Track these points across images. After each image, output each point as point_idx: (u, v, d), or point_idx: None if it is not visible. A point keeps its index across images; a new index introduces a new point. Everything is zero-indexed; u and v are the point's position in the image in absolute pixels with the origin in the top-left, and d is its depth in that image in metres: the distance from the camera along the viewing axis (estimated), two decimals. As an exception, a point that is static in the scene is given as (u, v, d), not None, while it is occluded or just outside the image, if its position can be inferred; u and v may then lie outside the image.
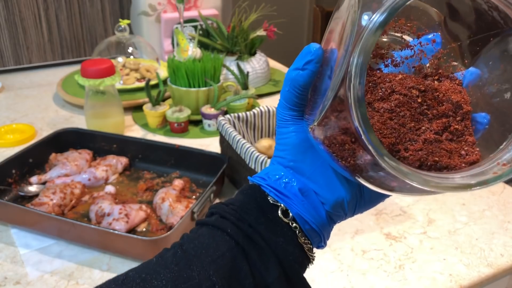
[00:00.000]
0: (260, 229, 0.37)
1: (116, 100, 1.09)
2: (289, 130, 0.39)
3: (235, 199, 0.40)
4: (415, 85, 0.34)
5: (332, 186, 0.38)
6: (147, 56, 1.43)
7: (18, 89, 1.40)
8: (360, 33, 0.30)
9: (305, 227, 0.38)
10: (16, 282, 0.70)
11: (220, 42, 1.39)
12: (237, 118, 0.94)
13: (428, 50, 0.37)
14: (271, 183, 0.39)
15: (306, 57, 0.36)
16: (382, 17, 0.29)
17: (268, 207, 0.39)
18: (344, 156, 0.33)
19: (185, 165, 0.96)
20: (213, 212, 0.40)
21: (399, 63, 0.37)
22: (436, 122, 0.34)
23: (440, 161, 0.32)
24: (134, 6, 1.50)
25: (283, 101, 0.39)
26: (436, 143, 0.33)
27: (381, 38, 0.38)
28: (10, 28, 1.47)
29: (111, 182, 0.93)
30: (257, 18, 1.40)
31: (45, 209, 0.80)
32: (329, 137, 0.33)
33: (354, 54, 0.29)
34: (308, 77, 0.37)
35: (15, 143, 1.08)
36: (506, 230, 0.83)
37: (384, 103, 0.33)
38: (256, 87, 1.39)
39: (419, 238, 0.80)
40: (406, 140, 0.32)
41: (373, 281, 0.71)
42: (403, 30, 0.38)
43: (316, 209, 0.39)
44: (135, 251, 0.73)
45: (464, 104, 0.35)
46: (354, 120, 0.29)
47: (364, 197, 0.40)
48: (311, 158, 0.39)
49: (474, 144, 0.34)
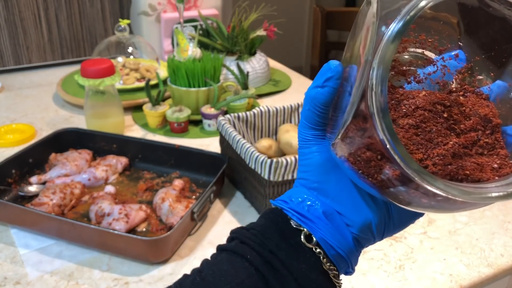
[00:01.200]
0: (281, 255, 0.36)
1: (116, 100, 1.09)
2: (312, 150, 0.38)
3: (256, 223, 0.39)
4: (440, 100, 0.33)
5: (358, 207, 0.37)
6: (147, 56, 1.43)
7: (18, 89, 1.40)
8: (378, 43, 0.29)
9: (330, 252, 0.37)
10: (16, 282, 0.70)
11: (220, 42, 1.39)
12: (237, 118, 0.94)
13: (451, 65, 0.37)
14: (294, 206, 0.38)
15: (326, 74, 0.35)
16: (399, 25, 0.29)
17: (291, 231, 0.37)
18: (371, 173, 0.32)
19: (185, 165, 0.96)
20: (233, 237, 0.39)
21: (422, 80, 0.36)
22: (465, 136, 0.33)
23: (471, 175, 0.31)
24: (134, 6, 1.50)
25: (304, 121, 0.38)
26: (466, 157, 0.32)
27: (403, 55, 0.37)
28: (10, 28, 1.47)
29: (111, 182, 0.93)
30: (257, 18, 1.40)
31: (45, 209, 0.80)
32: (354, 153, 0.32)
33: (373, 64, 0.29)
34: (329, 95, 0.36)
35: (15, 143, 1.08)
36: (506, 230, 0.83)
37: (408, 119, 0.32)
38: (256, 87, 1.39)
39: (419, 238, 0.80)
40: (434, 156, 0.31)
41: (373, 281, 0.71)
42: (424, 45, 0.37)
43: (341, 233, 0.37)
44: (135, 251, 0.73)
45: (493, 117, 0.34)
46: (379, 132, 0.28)
47: (393, 218, 0.38)
48: (336, 178, 0.37)
49: (507, 157, 0.33)
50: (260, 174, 0.78)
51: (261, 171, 0.78)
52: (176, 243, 0.76)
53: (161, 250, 0.72)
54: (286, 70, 1.58)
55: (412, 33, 0.36)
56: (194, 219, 0.78)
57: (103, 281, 0.70)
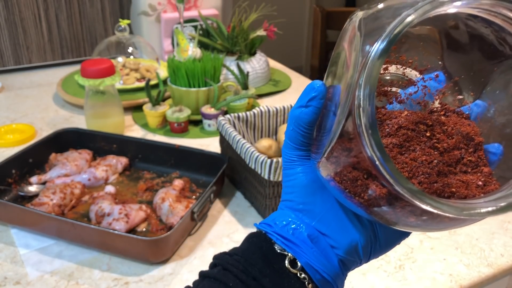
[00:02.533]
0: (265, 281, 0.35)
1: (116, 100, 1.09)
2: (297, 171, 0.37)
3: (239, 248, 0.38)
4: (422, 120, 0.33)
5: (344, 228, 0.36)
6: (147, 56, 1.43)
7: (18, 89, 1.40)
8: (364, 62, 0.29)
9: (315, 277, 0.36)
10: (16, 282, 0.70)
11: (220, 42, 1.39)
12: (237, 118, 0.94)
13: (432, 85, 0.37)
14: (278, 230, 0.37)
15: (309, 94, 0.35)
16: (383, 43, 0.29)
17: (275, 256, 0.36)
18: (357, 192, 0.32)
19: (185, 165, 0.96)
20: (215, 263, 0.38)
21: (403, 100, 0.37)
22: (448, 155, 0.33)
23: (457, 192, 0.31)
24: (134, 6, 1.50)
25: (288, 141, 0.37)
26: (451, 175, 0.32)
27: (384, 76, 0.37)
28: (10, 28, 1.47)
29: (111, 182, 0.93)
30: (257, 18, 1.40)
31: (45, 209, 0.80)
32: (340, 172, 0.32)
33: (360, 82, 0.29)
34: (313, 114, 0.35)
35: (15, 143, 1.08)
36: (506, 230, 0.83)
37: (392, 138, 0.32)
38: (256, 87, 1.39)
39: (419, 238, 0.80)
40: (419, 174, 0.31)
41: (373, 281, 0.71)
42: (405, 66, 0.37)
43: (327, 256, 0.36)
44: (135, 251, 0.73)
45: (475, 136, 0.34)
46: (368, 149, 0.28)
47: (379, 239, 0.38)
48: (321, 199, 0.37)
49: (491, 174, 0.33)
50: (260, 174, 0.78)
51: (261, 171, 0.78)
52: (176, 243, 0.76)
53: (161, 250, 0.72)
54: (286, 70, 1.58)
55: (393, 54, 0.37)
56: (194, 219, 0.78)
57: (103, 281, 0.70)
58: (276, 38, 1.44)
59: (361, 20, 0.31)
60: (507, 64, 0.34)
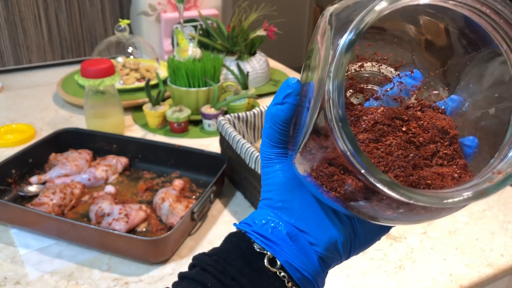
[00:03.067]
0: (243, 281, 0.35)
1: (116, 100, 1.09)
2: (275, 169, 0.37)
3: (219, 248, 0.38)
4: (398, 115, 0.34)
5: (323, 225, 0.36)
6: (147, 56, 1.43)
7: (18, 89, 1.40)
8: (333, 56, 0.29)
9: (295, 275, 0.36)
10: (16, 282, 0.70)
11: (220, 42, 1.39)
12: (237, 118, 0.94)
13: (407, 81, 0.37)
14: (257, 229, 0.37)
15: (285, 91, 0.35)
16: (350, 35, 0.29)
17: (254, 255, 0.36)
18: (334, 187, 0.32)
19: (185, 165, 0.96)
20: (194, 264, 0.37)
21: (379, 96, 0.37)
22: (424, 148, 0.34)
23: (433, 184, 0.32)
24: (134, 6, 1.50)
25: (266, 139, 0.37)
26: (427, 168, 0.33)
27: (360, 73, 0.38)
28: (10, 28, 1.47)
29: (111, 182, 0.93)
30: (257, 18, 1.40)
31: (45, 209, 0.80)
32: (316, 168, 0.32)
33: (329, 76, 0.29)
34: (289, 111, 0.35)
35: (15, 143, 1.08)
36: (507, 230, 0.83)
37: (368, 134, 0.32)
38: (256, 87, 1.39)
39: (419, 238, 0.80)
40: (396, 168, 0.32)
41: (373, 281, 0.71)
42: (381, 63, 0.38)
43: (306, 254, 0.36)
44: (135, 251, 0.73)
45: (450, 129, 0.35)
46: (339, 142, 0.28)
47: (358, 235, 0.38)
48: (300, 196, 0.37)
49: (466, 166, 0.34)
50: (260, 174, 0.78)
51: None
52: (176, 243, 0.76)
53: (161, 250, 0.72)
54: (286, 70, 1.58)
55: (368, 51, 0.37)
56: (194, 219, 0.78)
57: (103, 281, 0.70)
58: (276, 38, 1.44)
59: (332, 14, 0.31)
60: (479, 58, 0.35)
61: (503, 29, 0.31)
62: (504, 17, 0.31)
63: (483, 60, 0.34)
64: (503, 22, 0.31)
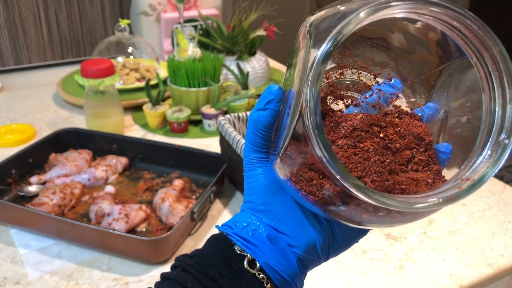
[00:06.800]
0: (223, 282, 0.36)
1: (116, 100, 1.08)
2: (257, 173, 0.39)
3: (200, 250, 0.39)
4: (375, 122, 0.35)
5: (303, 227, 0.37)
6: (147, 56, 1.43)
7: (17, 89, 1.40)
8: (311, 65, 0.31)
9: (274, 276, 0.37)
10: (16, 282, 0.70)
11: (220, 42, 1.39)
12: (237, 118, 0.94)
13: (386, 89, 0.39)
14: (238, 231, 0.38)
15: (267, 97, 0.37)
16: (328, 45, 0.30)
17: (234, 257, 0.37)
18: (313, 191, 0.33)
19: (185, 165, 0.96)
20: (176, 265, 0.38)
21: (359, 103, 0.38)
22: (400, 154, 0.35)
23: (407, 189, 0.33)
24: (134, 6, 1.50)
25: (248, 144, 0.39)
26: (402, 173, 0.34)
27: (340, 81, 0.39)
28: (10, 28, 1.47)
29: (111, 182, 0.93)
30: (257, 18, 1.40)
31: (45, 209, 0.80)
32: (295, 173, 0.33)
33: (306, 85, 0.30)
34: (270, 117, 0.37)
35: (14, 143, 1.08)
36: (507, 230, 0.83)
37: (347, 140, 0.34)
38: (256, 87, 1.39)
39: (420, 238, 0.80)
40: (372, 173, 0.33)
41: (373, 281, 0.71)
42: (360, 71, 0.39)
43: (285, 256, 0.37)
44: (135, 251, 0.73)
45: (426, 136, 0.36)
46: (316, 149, 0.29)
47: (337, 238, 0.39)
48: (281, 199, 0.38)
49: (440, 172, 0.35)
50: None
51: (261, 171, 0.78)
52: (176, 243, 0.76)
53: (161, 250, 0.72)
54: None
55: (348, 59, 0.39)
56: (194, 219, 0.78)
57: (103, 281, 0.70)
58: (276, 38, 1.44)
59: (312, 24, 0.33)
60: (454, 67, 0.36)
61: (472, 42, 0.33)
62: (473, 31, 0.32)
63: (458, 69, 0.36)
64: (472, 36, 0.33)
